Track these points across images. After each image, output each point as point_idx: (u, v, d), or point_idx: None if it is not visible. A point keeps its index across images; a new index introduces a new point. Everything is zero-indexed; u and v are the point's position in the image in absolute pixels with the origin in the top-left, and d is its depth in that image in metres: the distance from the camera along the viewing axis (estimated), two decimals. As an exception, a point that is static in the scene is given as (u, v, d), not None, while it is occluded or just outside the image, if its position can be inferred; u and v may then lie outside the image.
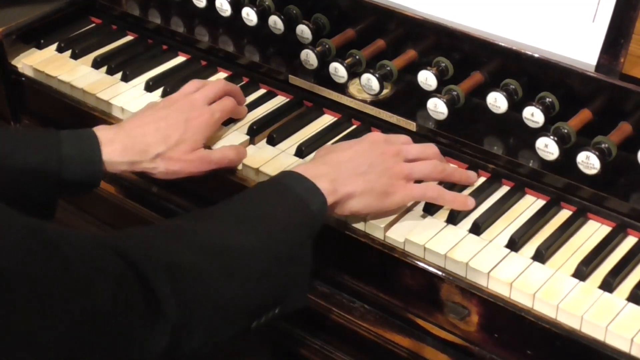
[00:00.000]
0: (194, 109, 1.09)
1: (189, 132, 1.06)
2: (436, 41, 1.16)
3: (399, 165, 1.01)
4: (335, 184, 0.96)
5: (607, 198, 1.01)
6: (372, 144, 1.03)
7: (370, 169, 0.99)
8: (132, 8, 1.39)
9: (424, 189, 1.01)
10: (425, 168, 1.03)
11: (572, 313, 0.91)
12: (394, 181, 1.00)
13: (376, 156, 1.01)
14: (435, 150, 1.06)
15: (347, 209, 0.98)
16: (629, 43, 1.04)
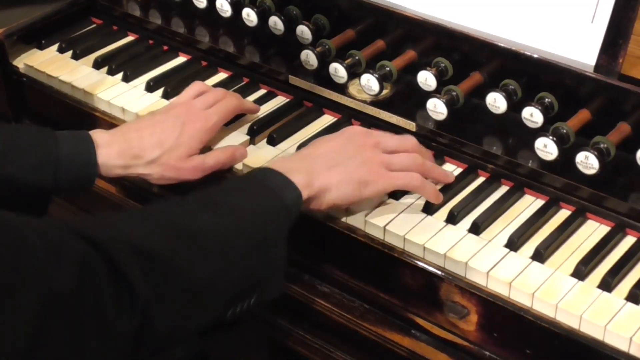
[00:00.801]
0: (190, 114, 1.09)
1: (184, 136, 1.06)
2: (436, 42, 1.17)
3: (378, 155, 1.01)
4: (311, 177, 0.95)
5: (606, 198, 1.01)
6: (351, 137, 1.02)
7: (348, 160, 0.99)
8: (132, 9, 1.40)
9: (408, 177, 1.00)
10: (404, 160, 1.02)
11: (571, 312, 0.91)
12: (375, 169, 0.99)
13: (354, 148, 1.00)
14: (414, 142, 1.06)
15: (325, 202, 0.97)
16: (627, 43, 1.04)
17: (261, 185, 0.93)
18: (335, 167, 0.98)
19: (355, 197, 0.98)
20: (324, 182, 0.96)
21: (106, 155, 1.04)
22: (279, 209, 0.92)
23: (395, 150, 1.03)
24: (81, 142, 1.04)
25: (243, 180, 0.96)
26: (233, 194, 0.92)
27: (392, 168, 1.01)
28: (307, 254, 1.08)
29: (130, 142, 1.05)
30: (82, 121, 1.24)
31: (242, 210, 0.90)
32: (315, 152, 1.00)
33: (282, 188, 0.93)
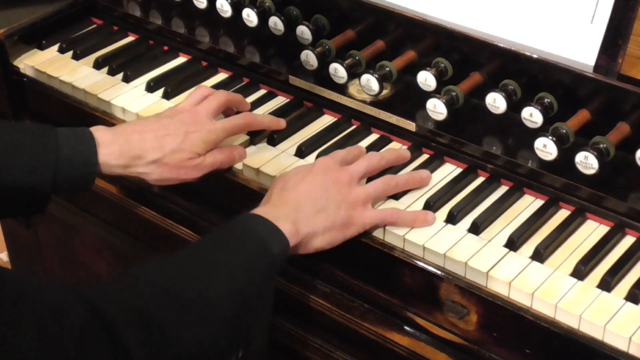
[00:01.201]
0: (195, 123, 1.09)
1: (186, 143, 1.07)
2: (435, 42, 1.17)
3: (354, 192, 1.01)
4: (297, 225, 0.96)
5: (605, 198, 1.02)
6: (325, 172, 1.01)
7: (328, 202, 0.99)
8: (133, 9, 1.40)
9: (382, 216, 1.01)
10: (379, 187, 1.03)
11: (571, 312, 0.91)
12: (352, 212, 1.00)
13: (333, 186, 1.00)
14: (378, 157, 1.06)
15: (311, 247, 0.99)
16: (627, 44, 1.04)
17: (252, 236, 0.94)
18: (320, 212, 0.98)
19: (339, 240, 1.00)
20: (310, 230, 0.98)
21: (107, 154, 1.05)
22: (269, 263, 0.94)
23: (366, 173, 1.04)
24: (82, 141, 1.04)
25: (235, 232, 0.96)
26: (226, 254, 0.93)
27: (369, 200, 1.02)
28: (307, 255, 1.09)
29: (131, 143, 1.06)
30: (82, 121, 1.24)
31: (234, 271, 0.91)
32: (297, 195, 0.99)
33: (271, 239, 0.94)
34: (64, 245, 1.54)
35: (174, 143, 1.06)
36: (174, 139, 1.06)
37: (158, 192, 1.24)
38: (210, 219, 1.19)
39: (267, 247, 0.94)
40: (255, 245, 0.94)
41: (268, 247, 0.94)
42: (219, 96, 1.14)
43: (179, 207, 1.22)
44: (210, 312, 0.88)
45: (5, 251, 1.93)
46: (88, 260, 1.52)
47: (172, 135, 1.07)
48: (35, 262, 1.62)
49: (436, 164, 1.12)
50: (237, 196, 1.14)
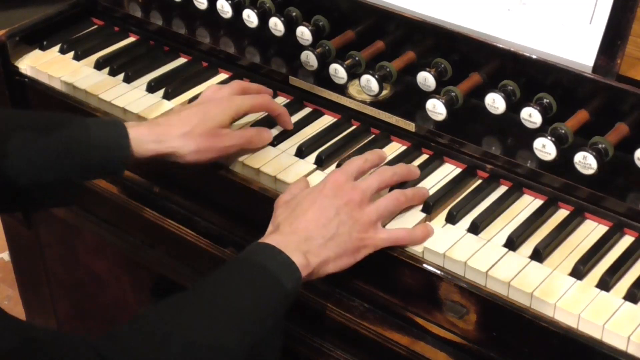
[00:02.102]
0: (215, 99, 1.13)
1: (209, 114, 1.09)
2: (435, 42, 1.17)
3: (366, 213, 0.99)
4: (308, 256, 0.95)
5: (604, 198, 1.02)
6: (336, 192, 0.99)
7: (339, 228, 0.97)
8: (134, 10, 1.40)
9: (394, 237, 0.99)
10: (389, 205, 1.01)
11: (570, 312, 0.91)
12: (364, 234, 0.98)
13: (342, 208, 0.98)
14: (390, 173, 1.04)
15: (323, 273, 0.98)
16: (625, 44, 1.04)
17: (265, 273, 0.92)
18: (330, 240, 0.97)
19: (350, 264, 0.99)
20: (321, 259, 0.96)
21: (137, 132, 1.06)
22: (281, 300, 0.92)
23: (379, 187, 1.02)
24: (112, 127, 1.06)
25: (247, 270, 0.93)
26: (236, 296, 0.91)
27: (381, 219, 1.00)
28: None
29: (158, 122, 1.09)
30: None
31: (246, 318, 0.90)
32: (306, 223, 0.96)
33: (283, 271, 0.92)
34: (65, 246, 1.54)
35: (197, 116, 1.08)
36: (196, 115, 1.09)
37: (159, 192, 1.24)
38: (210, 219, 1.20)
39: (280, 284, 0.92)
40: (268, 284, 0.92)
41: (280, 284, 0.92)
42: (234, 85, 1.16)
43: (180, 207, 1.22)
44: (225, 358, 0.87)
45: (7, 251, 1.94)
46: (89, 260, 1.52)
47: (194, 113, 1.09)
48: (36, 262, 1.62)
49: (436, 164, 1.12)
50: (237, 196, 1.14)
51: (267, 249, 0.94)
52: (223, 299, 0.91)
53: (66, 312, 1.68)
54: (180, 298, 0.91)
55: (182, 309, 0.89)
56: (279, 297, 0.92)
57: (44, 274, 1.62)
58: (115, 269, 1.49)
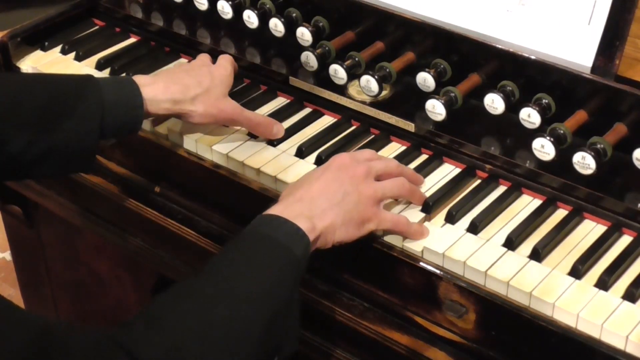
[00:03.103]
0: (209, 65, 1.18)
1: (216, 79, 1.13)
2: (434, 43, 1.17)
3: (371, 187, 1.00)
4: (314, 220, 0.94)
5: (602, 198, 1.02)
6: (341, 168, 1.00)
7: (345, 196, 0.97)
8: (135, 11, 1.41)
9: (396, 221, 1.00)
10: (394, 187, 1.02)
11: (568, 311, 0.92)
12: (369, 208, 0.99)
13: (348, 181, 0.99)
14: (397, 164, 1.06)
15: (330, 240, 0.97)
16: (624, 45, 1.05)
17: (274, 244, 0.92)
18: (336, 206, 0.96)
19: (357, 235, 0.99)
20: (327, 223, 0.95)
21: (152, 91, 1.08)
22: (294, 268, 0.92)
23: (383, 174, 1.03)
24: (124, 85, 1.08)
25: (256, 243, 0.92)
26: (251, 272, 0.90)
27: (384, 197, 1.01)
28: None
29: (173, 80, 1.11)
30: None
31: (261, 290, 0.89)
32: (311, 192, 0.97)
33: (292, 240, 0.92)
34: (67, 245, 1.55)
35: (207, 80, 1.12)
36: (206, 77, 1.13)
37: (160, 192, 1.25)
38: (211, 219, 1.20)
39: (290, 253, 0.91)
40: (279, 255, 0.91)
41: (291, 252, 0.91)
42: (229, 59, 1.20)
43: (181, 207, 1.23)
44: (243, 335, 0.86)
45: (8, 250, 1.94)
46: (90, 259, 1.53)
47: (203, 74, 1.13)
48: (37, 262, 1.63)
49: (435, 164, 1.12)
50: (237, 196, 1.15)
51: (272, 219, 0.94)
52: (235, 274, 0.90)
53: (67, 311, 1.68)
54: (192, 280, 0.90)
55: (196, 290, 0.89)
56: (290, 265, 0.91)
57: (45, 274, 1.63)
58: (116, 269, 1.49)
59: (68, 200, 1.39)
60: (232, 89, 1.25)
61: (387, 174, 1.04)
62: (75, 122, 1.03)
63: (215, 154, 1.15)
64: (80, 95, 1.04)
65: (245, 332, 0.87)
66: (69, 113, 1.03)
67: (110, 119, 1.05)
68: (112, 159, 1.29)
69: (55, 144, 1.03)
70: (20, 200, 1.51)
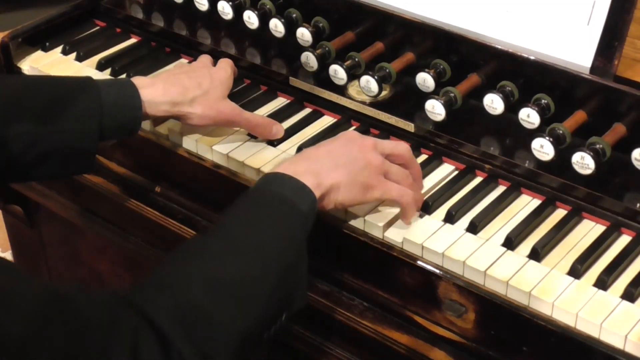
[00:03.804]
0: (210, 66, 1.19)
1: (215, 81, 1.14)
2: (434, 44, 1.18)
3: (378, 159, 1.01)
4: (319, 177, 0.96)
5: (601, 198, 1.03)
6: (349, 139, 1.02)
7: (353, 161, 0.99)
8: (135, 11, 1.41)
9: (402, 193, 1.01)
10: (399, 172, 1.03)
11: (567, 310, 0.92)
12: (374, 175, 1.00)
13: (355, 149, 1.01)
14: (407, 147, 1.06)
15: (333, 201, 0.97)
16: (622, 46, 1.05)
17: (280, 200, 0.93)
18: (342, 166, 0.98)
19: (360, 199, 0.99)
20: (332, 181, 0.97)
21: (151, 93, 1.09)
22: (301, 224, 0.93)
23: (391, 153, 1.04)
24: (123, 87, 1.08)
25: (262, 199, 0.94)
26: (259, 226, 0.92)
27: (388, 177, 1.02)
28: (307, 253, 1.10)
29: (172, 82, 1.12)
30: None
31: (270, 244, 0.91)
32: (318, 152, 1.00)
33: (297, 195, 0.93)
34: (68, 245, 1.55)
35: (206, 81, 1.13)
36: (205, 78, 1.13)
37: (161, 192, 1.25)
38: (211, 218, 1.20)
39: (297, 208, 0.93)
40: (285, 211, 0.93)
41: (297, 208, 0.93)
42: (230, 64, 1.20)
43: (181, 207, 1.23)
44: (254, 290, 0.87)
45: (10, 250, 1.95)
46: (91, 259, 1.53)
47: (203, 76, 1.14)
48: (38, 262, 1.63)
49: (435, 164, 1.13)
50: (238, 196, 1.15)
51: (277, 177, 0.95)
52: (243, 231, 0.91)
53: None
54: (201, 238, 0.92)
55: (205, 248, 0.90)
56: (297, 221, 0.93)
57: (46, 273, 1.63)
58: (117, 269, 1.49)
59: (69, 200, 1.39)
60: (232, 89, 1.26)
61: (395, 155, 1.04)
62: (75, 123, 1.04)
63: (215, 154, 1.16)
64: (79, 96, 1.05)
65: (255, 288, 0.88)
66: (69, 114, 1.04)
67: (109, 120, 1.06)
68: (112, 159, 1.30)
69: (55, 145, 1.04)
70: (22, 200, 1.51)
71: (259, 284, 0.88)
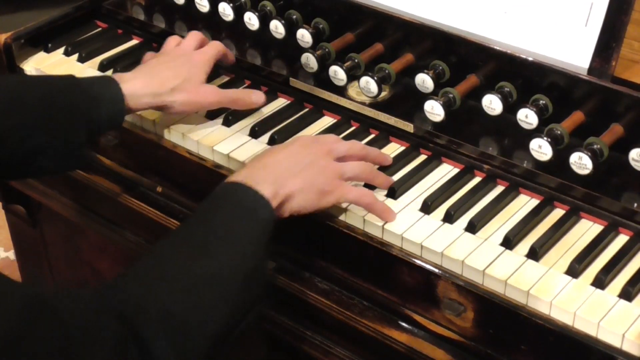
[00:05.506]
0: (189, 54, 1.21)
1: (193, 68, 1.17)
2: (433, 45, 1.18)
3: (332, 163, 1.03)
4: (276, 186, 0.98)
5: (599, 197, 1.03)
6: (304, 145, 1.04)
7: (307, 167, 1.01)
8: (137, 12, 1.42)
9: (360, 194, 1.02)
10: (356, 168, 1.05)
11: (565, 309, 0.92)
12: (330, 180, 1.01)
13: (310, 155, 1.02)
14: (361, 146, 1.09)
15: (289, 209, 1.00)
16: (620, 47, 1.05)
17: (241, 207, 0.96)
18: (298, 174, 1.00)
19: (315, 205, 1.01)
20: (288, 190, 0.99)
21: (132, 87, 1.12)
22: (261, 230, 0.96)
23: (346, 155, 1.06)
24: (105, 83, 1.12)
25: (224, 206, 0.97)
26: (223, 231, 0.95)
27: (345, 177, 1.03)
28: (307, 252, 1.10)
29: (151, 74, 1.15)
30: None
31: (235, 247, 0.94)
32: (275, 160, 1.01)
33: (256, 205, 0.96)
34: (69, 244, 1.56)
35: (184, 69, 1.16)
36: (183, 66, 1.16)
37: (162, 191, 1.26)
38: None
39: (256, 215, 0.96)
40: (247, 218, 0.96)
41: (256, 215, 0.96)
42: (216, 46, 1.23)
43: (182, 207, 1.23)
44: (225, 291, 0.90)
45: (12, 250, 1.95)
46: (92, 258, 1.53)
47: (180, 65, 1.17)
48: (40, 261, 1.64)
49: (434, 164, 1.13)
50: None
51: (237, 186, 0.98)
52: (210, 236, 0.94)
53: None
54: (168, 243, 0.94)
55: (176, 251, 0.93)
56: (258, 227, 0.96)
57: (48, 272, 1.64)
58: (119, 268, 1.50)
59: (70, 199, 1.40)
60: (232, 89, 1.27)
61: (349, 156, 1.06)
62: (62, 119, 1.07)
63: (216, 155, 1.16)
64: (64, 93, 1.09)
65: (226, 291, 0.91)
66: (56, 111, 1.07)
67: (94, 114, 1.09)
68: (114, 159, 1.30)
69: (46, 140, 1.07)
70: (24, 200, 1.52)
71: (229, 287, 0.91)
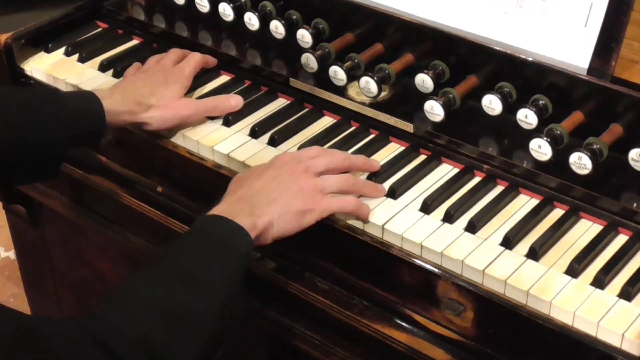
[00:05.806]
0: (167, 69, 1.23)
1: (170, 85, 1.19)
2: (433, 45, 1.18)
3: (311, 181, 1.03)
4: (254, 217, 0.98)
5: (598, 197, 1.03)
6: (281, 166, 1.04)
7: (284, 192, 1.01)
8: (137, 13, 1.42)
9: (342, 203, 1.03)
10: (337, 182, 1.04)
11: (565, 309, 0.92)
12: (309, 198, 1.02)
13: (287, 178, 1.02)
14: (344, 156, 1.08)
15: (269, 237, 1.00)
16: (620, 47, 1.06)
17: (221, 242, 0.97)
18: (274, 201, 1.00)
19: (296, 228, 1.02)
20: (267, 219, 0.99)
21: (112, 104, 1.15)
22: (240, 263, 0.97)
23: (326, 169, 1.05)
24: (86, 98, 1.15)
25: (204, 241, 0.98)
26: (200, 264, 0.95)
27: (326, 191, 1.04)
28: (307, 252, 1.11)
29: (129, 91, 1.18)
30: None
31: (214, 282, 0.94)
32: (251, 190, 1.02)
33: (236, 239, 0.97)
34: (70, 244, 1.56)
35: (160, 85, 1.18)
36: (158, 82, 1.19)
37: (162, 191, 1.26)
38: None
39: (236, 249, 0.97)
40: (227, 252, 0.97)
41: (236, 249, 0.97)
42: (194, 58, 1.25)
43: (183, 207, 1.24)
44: (202, 325, 0.91)
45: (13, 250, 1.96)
46: (94, 258, 1.54)
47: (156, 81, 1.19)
48: (41, 261, 1.64)
49: (433, 164, 1.13)
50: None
51: (216, 220, 0.99)
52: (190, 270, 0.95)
53: (71, 309, 1.69)
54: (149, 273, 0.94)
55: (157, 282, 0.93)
56: (235, 261, 0.97)
57: (49, 272, 1.64)
58: (120, 268, 1.50)
59: (71, 200, 1.40)
60: (233, 90, 1.27)
61: (331, 170, 1.06)
62: (44, 131, 1.10)
63: (216, 155, 1.17)
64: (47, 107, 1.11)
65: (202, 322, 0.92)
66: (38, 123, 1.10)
67: (74, 128, 1.12)
68: (114, 160, 1.31)
69: (27, 151, 1.09)
70: (25, 200, 1.52)
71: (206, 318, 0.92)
